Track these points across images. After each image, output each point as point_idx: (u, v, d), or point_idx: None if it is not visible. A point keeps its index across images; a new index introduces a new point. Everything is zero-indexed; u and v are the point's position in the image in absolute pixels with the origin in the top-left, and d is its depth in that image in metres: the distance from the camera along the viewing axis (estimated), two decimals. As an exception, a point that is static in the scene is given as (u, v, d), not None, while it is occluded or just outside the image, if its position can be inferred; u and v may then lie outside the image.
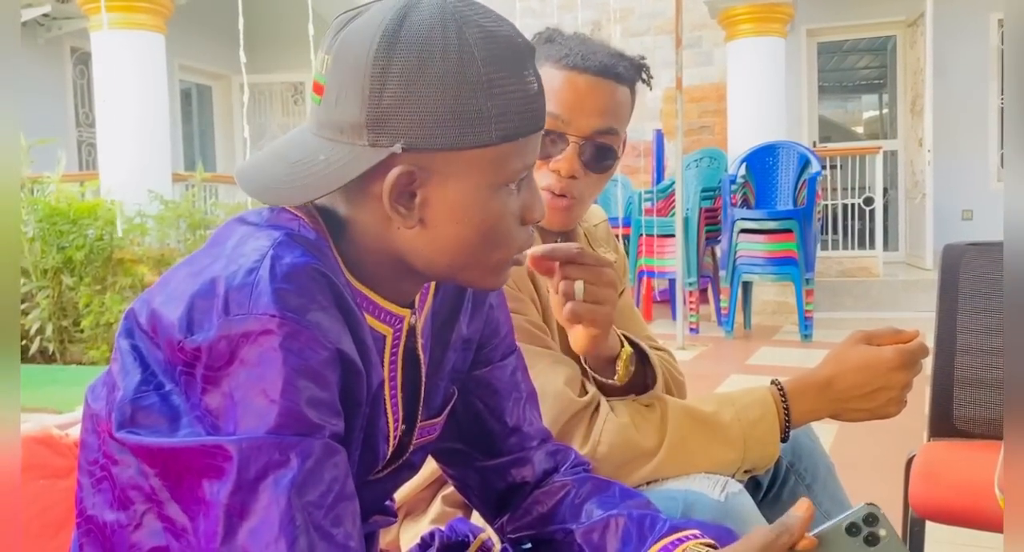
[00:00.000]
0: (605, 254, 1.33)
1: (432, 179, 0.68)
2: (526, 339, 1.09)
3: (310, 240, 0.69)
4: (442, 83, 0.65)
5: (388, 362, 0.77)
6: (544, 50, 1.17)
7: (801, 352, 5.04)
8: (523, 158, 0.71)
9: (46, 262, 4.62)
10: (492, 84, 0.66)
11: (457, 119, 0.66)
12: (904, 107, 7.49)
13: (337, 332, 0.65)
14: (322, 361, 0.63)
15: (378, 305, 0.75)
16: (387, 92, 0.65)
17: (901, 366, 1.05)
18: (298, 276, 0.64)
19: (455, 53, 0.65)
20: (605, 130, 1.13)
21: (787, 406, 1.07)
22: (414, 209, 0.69)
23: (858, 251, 6.63)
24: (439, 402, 0.87)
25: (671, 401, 1.09)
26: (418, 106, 0.65)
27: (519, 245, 0.75)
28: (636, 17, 7.70)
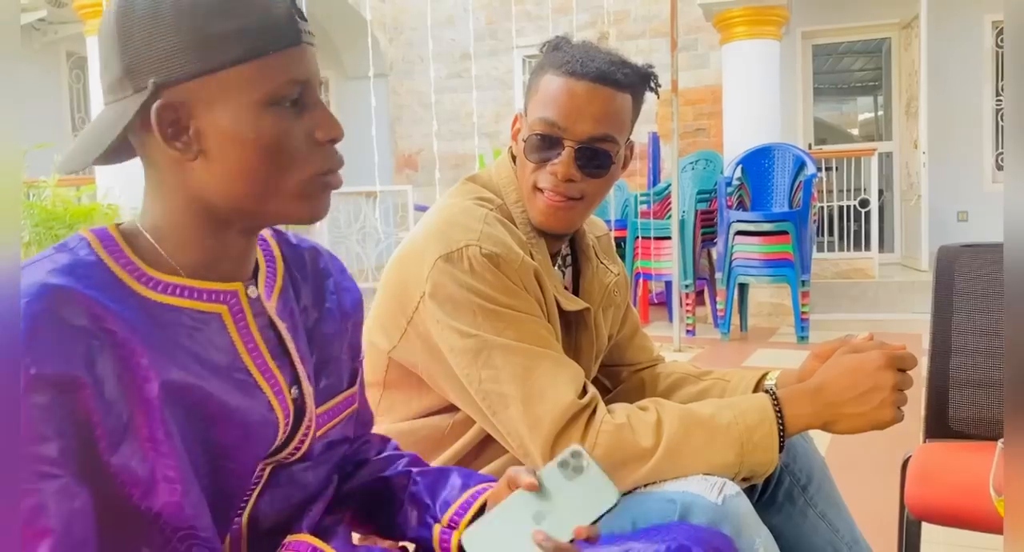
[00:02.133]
0: (609, 267, 1.34)
1: (196, 108, 0.71)
2: (529, 340, 1.10)
3: (77, 254, 0.72)
4: (177, 15, 0.69)
5: (240, 337, 0.78)
6: (550, 57, 1.18)
7: (797, 354, 5.04)
8: (284, 74, 0.72)
9: (42, 266, 4.61)
10: (226, 12, 0.70)
11: (197, 46, 0.69)
12: (899, 109, 7.52)
13: (55, 354, 0.64)
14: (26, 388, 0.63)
15: (195, 288, 0.76)
16: (132, 40, 0.70)
17: (887, 365, 1.07)
18: (33, 304, 0.64)
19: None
20: (601, 136, 1.15)
21: (781, 413, 1.07)
22: (191, 142, 0.72)
23: (854, 253, 6.64)
24: (346, 379, 0.91)
25: (668, 404, 1.09)
26: (160, 43, 0.69)
27: (317, 166, 0.75)
28: (631, 20, 7.71)
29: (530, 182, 1.18)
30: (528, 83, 1.22)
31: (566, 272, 1.32)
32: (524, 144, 1.18)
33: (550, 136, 1.15)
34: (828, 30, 7.65)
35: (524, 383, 1.07)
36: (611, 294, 1.34)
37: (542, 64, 1.20)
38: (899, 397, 1.07)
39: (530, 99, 1.20)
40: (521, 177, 1.20)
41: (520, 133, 1.21)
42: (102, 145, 0.72)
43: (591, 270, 1.32)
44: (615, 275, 1.35)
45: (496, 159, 1.28)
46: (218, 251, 0.77)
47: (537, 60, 1.23)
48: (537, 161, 1.17)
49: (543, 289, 1.16)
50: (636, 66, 1.19)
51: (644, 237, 5.82)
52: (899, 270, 6.94)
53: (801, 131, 7.58)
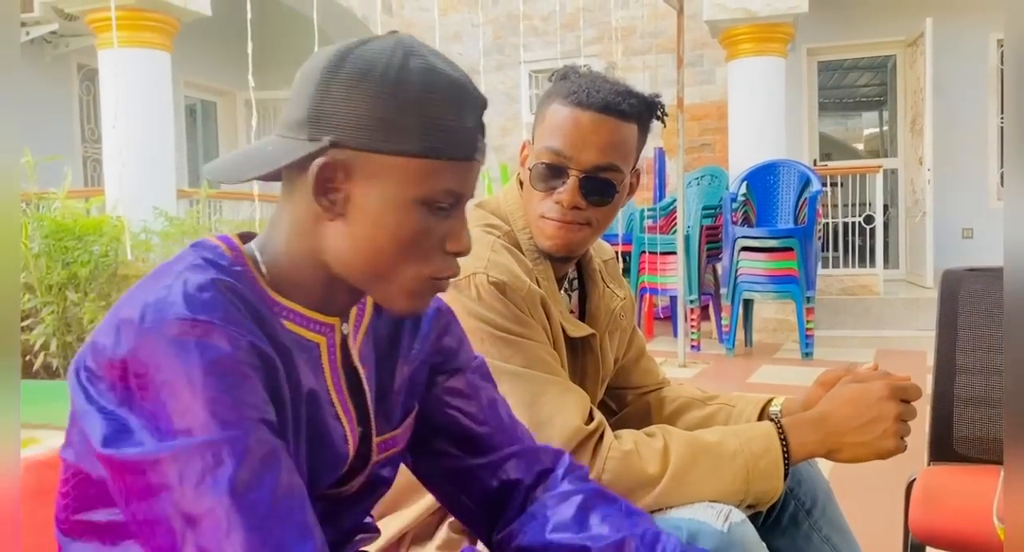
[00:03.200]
0: (616, 291, 1.36)
1: (356, 177, 0.74)
2: (536, 366, 1.11)
3: (221, 264, 0.75)
4: (377, 93, 0.72)
5: (329, 370, 0.82)
6: (557, 87, 1.20)
7: (802, 370, 5.05)
8: (447, 182, 0.75)
9: (51, 278, 4.65)
10: (424, 105, 0.73)
11: (384, 125, 0.72)
12: (904, 126, 7.54)
13: (250, 329, 0.70)
14: (236, 351, 0.68)
15: (302, 314, 0.79)
16: (329, 95, 0.73)
17: (890, 396, 1.08)
18: (208, 289, 0.70)
19: (396, 72, 0.72)
20: (605, 166, 1.16)
21: (786, 441, 1.08)
22: (337, 202, 0.75)
23: (859, 269, 6.65)
24: (398, 415, 0.91)
25: (675, 431, 1.11)
26: (352, 109, 0.72)
27: (436, 269, 0.78)
28: (638, 36, 7.76)
29: (536, 210, 1.20)
30: (536, 112, 1.24)
31: (572, 296, 1.33)
32: (531, 172, 1.20)
33: (556, 165, 1.17)
34: (833, 47, 7.68)
35: (532, 409, 1.08)
36: (617, 318, 1.36)
37: (550, 93, 1.22)
38: (902, 427, 1.08)
39: (537, 128, 1.22)
40: (527, 204, 1.22)
41: (527, 160, 1.23)
42: (259, 170, 0.75)
43: (597, 294, 1.33)
44: (621, 299, 1.37)
45: (502, 177, 1.30)
46: (327, 296, 0.81)
47: (546, 89, 1.25)
48: (543, 189, 1.19)
49: (549, 316, 1.18)
50: (642, 96, 1.21)
51: (649, 252, 5.84)
52: (904, 287, 6.94)
53: (806, 146, 7.60)
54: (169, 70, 5.54)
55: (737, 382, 4.75)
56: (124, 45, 5.31)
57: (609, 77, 1.23)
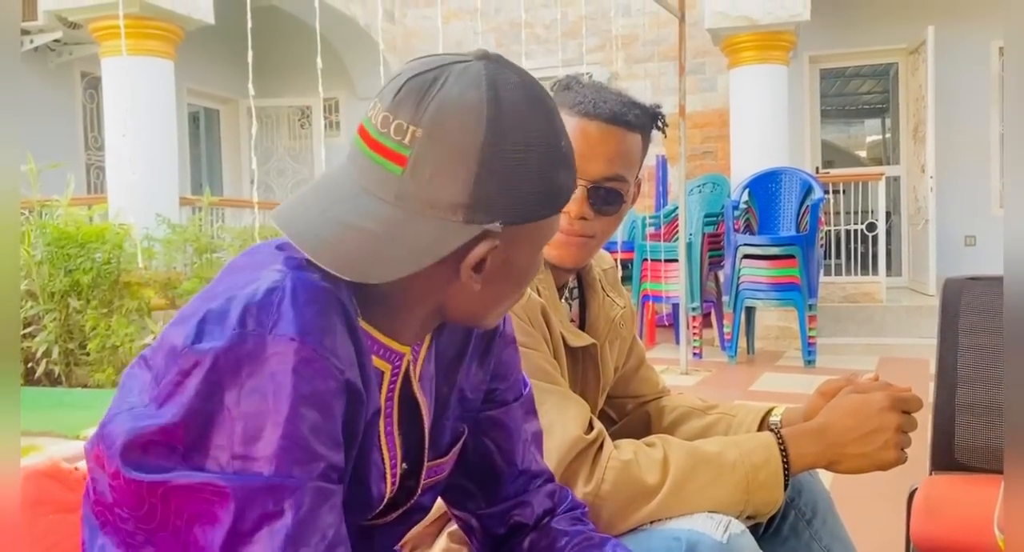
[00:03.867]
0: (616, 300, 1.36)
1: (510, 247, 0.72)
2: (537, 375, 1.11)
3: (315, 276, 0.69)
4: (540, 162, 0.70)
5: (385, 399, 0.78)
6: (561, 97, 1.20)
7: (804, 378, 5.04)
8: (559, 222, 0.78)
9: (53, 285, 4.65)
10: (568, 158, 0.73)
11: (547, 193, 0.71)
12: (906, 133, 7.54)
13: (349, 360, 0.66)
14: (331, 390, 0.64)
15: (379, 341, 0.76)
16: (493, 178, 0.67)
17: (891, 407, 1.08)
18: (319, 299, 0.65)
19: (550, 138, 0.71)
20: (613, 176, 1.16)
21: (785, 452, 1.08)
22: (484, 272, 0.71)
23: (861, 277, 6.64)
24: (447, 441, 0.88)
25: (675, 441, 1.11)
26: (519, 188, 0.69)
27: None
28: (640, 44, 7.77)
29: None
30: None
31: (572, 305, 1.33)
32: None
33: None
34: (835, 55, 7.69)
35: None
36: (617, 327, 1.36)
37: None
38: (902, 439, 1.08)
39: None
40: None
41: None
42: (417, 264, 0.67)
43: (597, 303, 1.33)
44: (621, 308, 1.37)
45: None
46: (411, 326, 0.77)
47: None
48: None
49: (549, 326, 1.18)
50: (645, 107, 1.21)
51: (652, 259, 5.84)
52: (906, 294, 6.94)
53: (808, 154, 7.61)
54: (172, 78, 5.56)
55: (739, 390, 4.74)
56: (127, 53, 5.32)
57: (612, 88, 1.23)
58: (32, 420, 3.65)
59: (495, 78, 0.69)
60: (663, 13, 5.57)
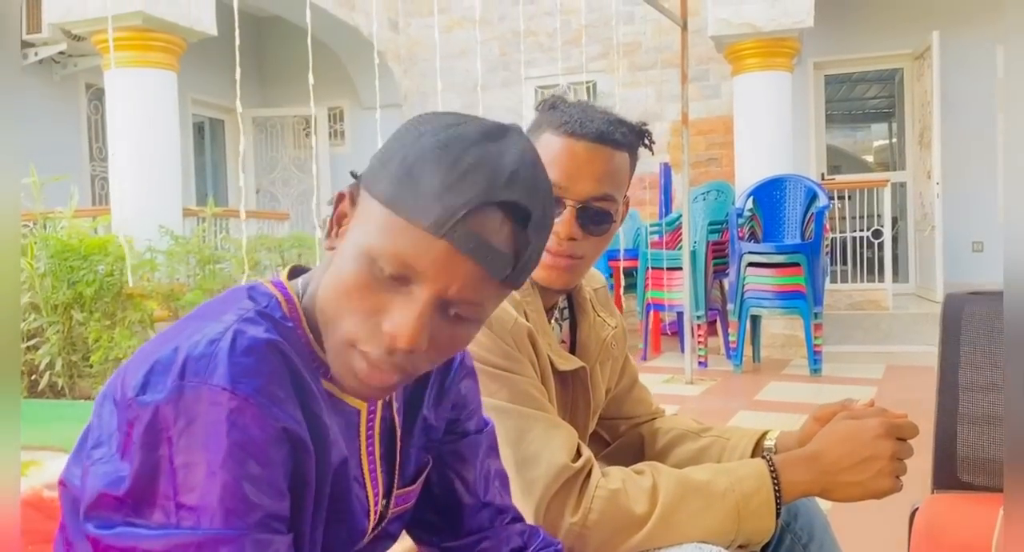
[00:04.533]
0: (607, 320, 1.34)
1: (355, 216, 0.71)
2: (522, 401, 1.10)
3: (275, 318, 0.71)
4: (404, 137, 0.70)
5: (365, 436, 0.78)
6: (547, 117, 1.19)
7: (810, 387, 5.00)
8: (399, 245, 0.66)
9: (56, 297, 4.66)
10: (416, 164, 0.67)
11: (382, 165, 0.69)
12: (912, 139, 7.50)
13: (288, 410, 0.67)
14: (267, 438, 0.64)
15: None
16: (391, 142, 0.71)
17: (885, 434, 1.06)
18: (256, 351, 0.66)
19: (429, 131, 0.69)
20: (601, 196, 1.15)
21: (777, 480, 1.06)
22: (339, 235, 0.72)
23: (867, 284, 6.60)
24: (413, 469, 0.88)
25: (664, 468, 1.09)
26: (382, 151, 0.71)
27: (363, 337, 0.68)
28: (643, 51, 7.76)
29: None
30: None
31: (563, 326, 1.32)
32: None
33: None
34: (840, 61, 7.66)
35: (517, 446, 1.06)
36: (609, 347, 1.34)
37: (539, 123, 1.20)
38: (897, 466, 1.06)
39: None
40: None
41: None
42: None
43: (588, 324, 1.31)
44: (613, 328, 1.35)
45: None
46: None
47: (534, 118, 1.23)
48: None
49: (536, 350, 1.16)
50: (632, 125, 1.20)
51: (656, 268, 5.81)
52: (914, 301, 6.89)
53: (814, 160, 7.58)
54: (175, 90, 5.57)
55: (745, 399, 4.70)
56: (130, 65, 5.34)
57: (598, 106, 1.22)
58: (34, 434, 3.64)
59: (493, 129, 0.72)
60: (666, 20, 5.56)
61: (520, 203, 0.67)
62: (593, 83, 7.98)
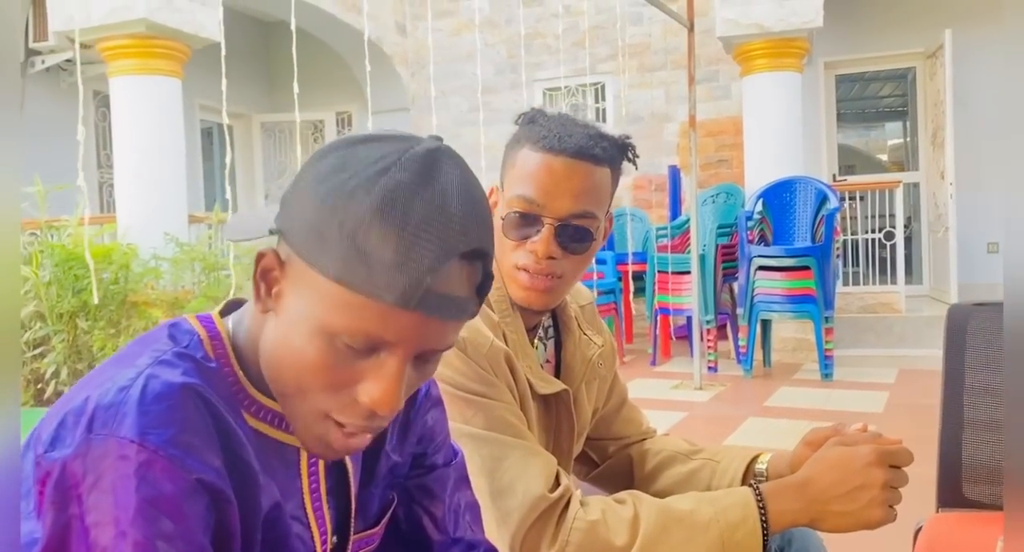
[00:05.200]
0: (592, 337, 1.30)
1: (289, 278, 0.66)
2: (499, 428, 1.06)
3: (195, 359, 0.67)
4: (325, 197, 0.62)
5: (307, 475, 0.75)
6: (525, 131, 1.15)
7: (821, 392, 4.93)
8: (365, 323, 0.62)
9: (62, 306, 4.66)
10: (360, 231, 0.61)
11: (314, 234, 0.62)
12: (925, 138, 7.41)
13: (204, 460, 0.63)
14: (180, 493, 0.60)
15: (283, 416, 0.72)
16: (300, 183, 0.65)
17: (877, 462, 1.01)
18: (169, 397, 0.62)
19: (356, 183, 0.62)
20: (581, 213, 1.11)
21: (764, 509, 1.01)
22: (271, 296, 0.67)
23: (880, 287, 6.50)
24: (375, 510, 0.84)
25: (645, 498, 1.04)
26: (303, 206, 0.64)
27: (339, 410, 0.66)
28: (652, 52, 7.70)
29: (510, 260, 1.14)
30: (504, 157, 1.18)
31: (548, 345, 1.27)
32: (503, 222, 1.14)
33: (529, 214, 1.11)
34: (851, 60, 7.57)
35: (492, 476, 1.02)
36: (595, 366, 1.30)
37: (518, 138, 1.16)
38: (891, 495, 1.01)
39: (507, 174, 1.16)
40: (499, 254, 1.16)
41: (497, 208, 1.17)
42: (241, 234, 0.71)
43: (573, 343, 1.27)
44: (599, 346, 1.31)
45: None
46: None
47: (514, 132, 1.19)
48: (517, 239, 1.13)
49: (515, 374, 1.12)
50: (614, 138, 1.16)
51: (663, 271, 5.76)
52: (927, 303, 6.79)
53: (825, 160, 7.49)
54: (180, 96, 5.57)
55: (754, 406, 4.64)
56: (134, 72, 5.34)
57: (579, 120, 1.17)
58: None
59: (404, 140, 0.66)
60: (674, 21, 5.50)
61: (478, 248, 0.64)
62: (601, 85, 7.92)
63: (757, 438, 3.91)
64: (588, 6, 7.59)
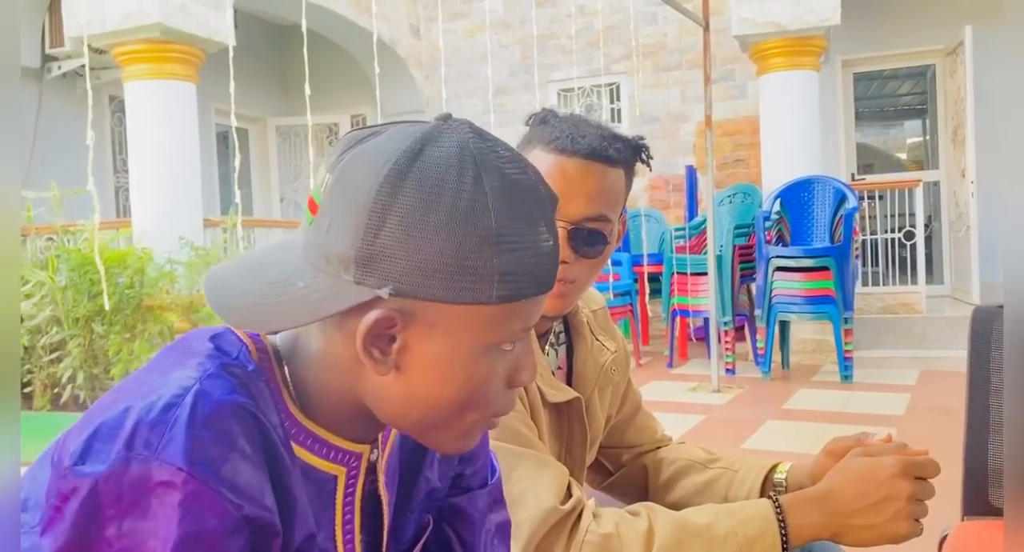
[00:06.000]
0: (605, 343, 1.26)
1: (416, 326, 0.61)
2: (508, 438, 1.02)
3: (246, 372, 0.62)
4: (447, 231, 0.58)
5: (341, 504, 0.70)
6: (537, 132, 1.11)
7: (841, 395, 4.87)
8: (524, 320, 0.63)
9: (77, 311, 4.67)
10: (502, 239, 0.59)
11: (456, 271, 0.58)
12: (945, 137, 7.31)
13: (253, 489, 0.58)
14: (224, 530, 0.55)
15: (329, 443, 0.68)
16: (385, 231, 0.58)
17: (902, 473, 0.97)
18: (221, 419, 0.57)
19: (467, 200, 0.58)
20: (594, 216, 1.07)
21: (784, 522, 0.97)
22: (391, 354, 0.62)
23: (900, 287, 6.42)
24: (410, 536, 0.79)
25: (660, 511, 1.01)
26: (415, 251, 0.58)
27: (499, 408, 0.67)
28: (667, 52, 7.65)
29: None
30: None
31: (559, 351, 1.24)
32: None
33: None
34: (869, 58, 7.49)
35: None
36: (608, 373, 1.26)
37: (529, 138, 1.13)
38: (916, 508, 0.97)
39: None
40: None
41: None
42: (296, 320, 0.61)
43: (585, 349, 1.24)
44: (612, 352, 1.27)
45: None
46: (361, 425, 0.69)
47: (524, 134, 1.16)
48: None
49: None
50: (627, 139, 1.12)
51: (680, 272, 5.71)
52: (949, 303, 6.70)
53: (843, 159, 7.41)
54: (194, 100, 5.58)
55: (773, 409, 4.59)
56: (149, 77, 5.35)
57: (592, 120, 1.14)
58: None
59: (433, 133, 0.61)
60: (690, 21, 5.46)
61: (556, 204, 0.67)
62: (616, 85, 7.88)
63: (776, 441, 3.86)
64: (602, 6, 7.55)
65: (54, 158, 6.35)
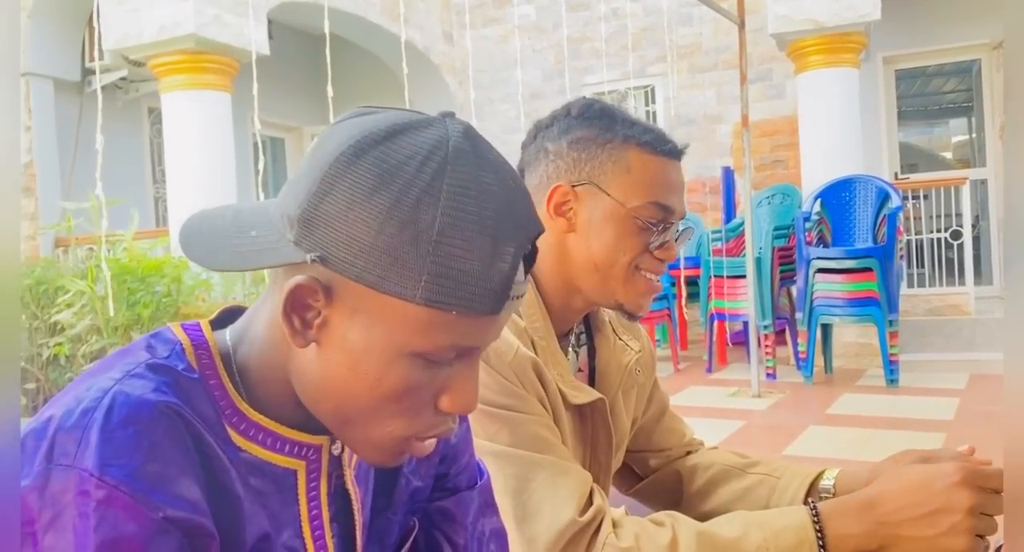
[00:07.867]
0: (629, 343, 1.21)
1: (339, 305, 0.59)
2: (527, 445, 0.97)
3: (173, 370, 0.61)
4: (387, 215, 0.56)
5: (306, 500, 0.67)
6: (623, 131, 1.05)
7: (887, 399, 4.72)
8: (455, 337, 0.59)
9: (116, 319, 4.72)
10: (442, 240, 0.56)
11: (385, 258, 0.56)
12: (993, 133, 7.10)
13: (177, 493, 0.55)
14: (144, 534, 0.53)
15: (281, 436, 0.66)
16: (330, 198, 0.57)
17: (963, 483, 0.88)
18: (139, 420, 0.56)
19: (418, 191, 0.56)
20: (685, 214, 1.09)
21: (822, 532, 0.90)
22: (312, 328, 0.60)
23: (947, 288, 6.23)
24: (395, 538, 0.76)
25: (685, 521, 0.94)
26: (351, 225, 0.56)
27: (423, 428, 0.63)
28: (703, 53, 7.55)
29: (630, 265, 1.05)
30: (585, 150, 1.07)
31: (580, 352, 1.18)
32: (635, 226, 1.04)
33: (663, 221, 1.05)
34: (911, 54, 7.31)
35: (518, 497, 0.94)
36: (632, 373, 1.20)
37: (610, 135, 1.06)
38: (980, 523, 0.87)
39: (614, 176, 1.04)
40: (608, 259, 1.05)
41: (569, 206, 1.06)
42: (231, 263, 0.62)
43: (608, 348, 1.18)
44: (636, 352, 1.21)
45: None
46: (303, 410, 0.66)
47: (586, 127, 1.08)
48: (645, 248, 1.05)
49: (544, 382, 1.03)
50: None
51: (718, 276, 5.60)
52: (999, 304, 6.49)
53: (886, 159, 7.24)
54: (230, 110, 5.62)
55: (816, 414, 4.46)
56: (185, 88, 5.40)
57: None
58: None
59: (422, 123, 0.60)
60: (725, 20, 5.36)
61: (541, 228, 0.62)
62: (651, 87, 7.79)
63: (819, 447, 3.75)
64: (636, 8, 7.47)
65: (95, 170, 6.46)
